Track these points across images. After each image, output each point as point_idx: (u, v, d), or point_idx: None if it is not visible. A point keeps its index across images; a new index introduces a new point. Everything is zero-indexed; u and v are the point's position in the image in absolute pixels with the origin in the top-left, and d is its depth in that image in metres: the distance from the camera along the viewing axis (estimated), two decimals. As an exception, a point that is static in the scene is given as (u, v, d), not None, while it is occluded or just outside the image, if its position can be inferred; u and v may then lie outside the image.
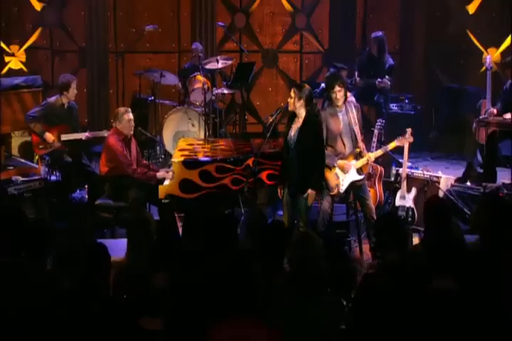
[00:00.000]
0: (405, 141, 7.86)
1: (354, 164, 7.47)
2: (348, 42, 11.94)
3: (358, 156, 7.53)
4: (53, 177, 8.93)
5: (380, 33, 10.61)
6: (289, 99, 7.05)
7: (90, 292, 4.16)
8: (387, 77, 10.30)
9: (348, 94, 8.70)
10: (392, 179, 8.96)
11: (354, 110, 7.48)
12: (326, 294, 4.28)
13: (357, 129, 7.44)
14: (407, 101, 11.15)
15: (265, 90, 12.41)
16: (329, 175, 7.42)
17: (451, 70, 11.67)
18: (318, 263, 4.25)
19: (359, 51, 11.68)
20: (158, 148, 10.36)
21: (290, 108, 7.06)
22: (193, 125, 10.08)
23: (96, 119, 11.45)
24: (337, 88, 7.35)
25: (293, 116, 7.13)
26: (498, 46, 11.14)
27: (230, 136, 10.32)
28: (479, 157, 9.35)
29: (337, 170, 7.47)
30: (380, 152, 7.71)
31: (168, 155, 10.08)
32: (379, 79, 10.27)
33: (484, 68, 9.44)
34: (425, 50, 12.01)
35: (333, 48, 12.03)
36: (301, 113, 7.02)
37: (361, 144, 7.52)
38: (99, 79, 11.65)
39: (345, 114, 7.43)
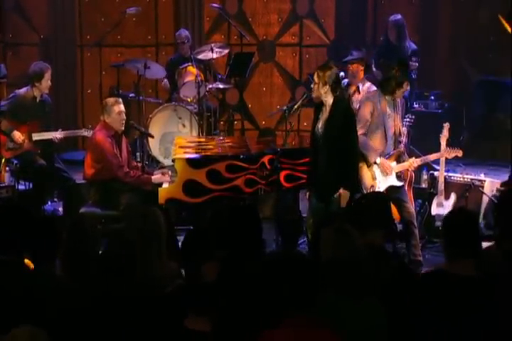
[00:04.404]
0: (450, 153, 7.97)
1: (394, 167, 7.50)
2: (357, 32, 11.98)
3: (399, 159, 7.56)
4: (21, 186, 8.85)
5: (399, 16, 10.68)
6: (312, 85, 7.02)
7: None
8: (413, 58, 10.37)
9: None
10: (424, 185, 9.04)
11: (400, 105, 7.50)
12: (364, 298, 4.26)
13: (401, 127, 7.49)
14: (432, 98, 11.20)
15: (259, 90, 12.34)
16: (366, 173, 7.40)
17: (482, 63, 11.71)
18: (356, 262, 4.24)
19: (369, 42, 11.76)
20: (140, 153, 10.19)
21: (314, 94, 7.01)
22: (183, 125, 10.04)
23: (62, 122, 11.36)
24: (405, 86, 7.35)
25: (319, 106, 7.05)
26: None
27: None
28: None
29: (375, 169, 7.45)
30: (419, 161, 7.79)
31: (154, 161, 10.07)
32: None
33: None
34: (451, 39, 12.07)
35: (340, 40, 12.02)
36: (328, 100, 6.90)
37: (402, 145, 7.56)
38: (65, 77, 11.66)
39: (393, 107, 7.43)
